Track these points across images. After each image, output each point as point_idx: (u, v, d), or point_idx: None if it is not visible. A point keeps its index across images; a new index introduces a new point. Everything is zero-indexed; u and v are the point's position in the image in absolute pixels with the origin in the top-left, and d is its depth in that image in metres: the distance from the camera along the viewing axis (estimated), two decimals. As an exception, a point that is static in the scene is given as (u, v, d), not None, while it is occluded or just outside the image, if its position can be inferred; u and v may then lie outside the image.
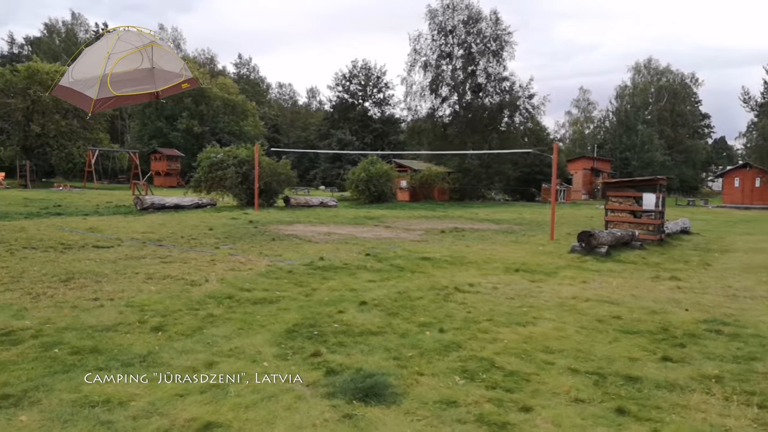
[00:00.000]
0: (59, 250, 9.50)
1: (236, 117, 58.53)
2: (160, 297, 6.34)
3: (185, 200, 20.29)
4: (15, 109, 39.84)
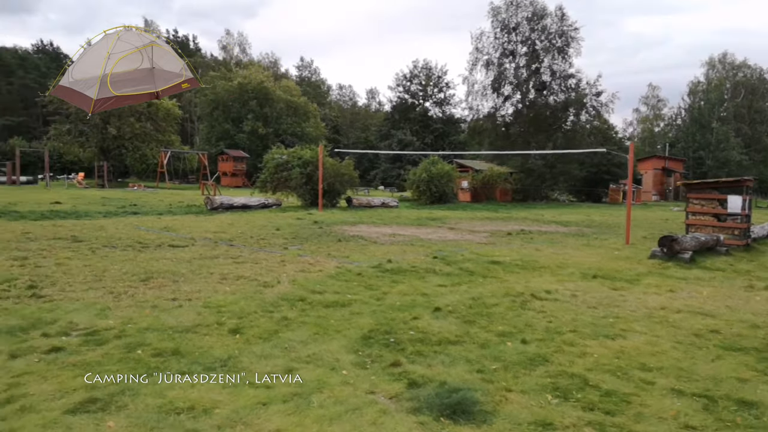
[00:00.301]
0: (137, 249, 9.83)
1: (298, 118, 59.61)
2: (235, 298, 6.39)
3: (252, 200, 20.73)
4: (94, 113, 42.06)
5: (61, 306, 5.68)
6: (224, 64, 76.25)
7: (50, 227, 12.65)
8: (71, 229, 12.45)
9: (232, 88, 56.90)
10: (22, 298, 5.94)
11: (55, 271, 7.46)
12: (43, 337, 4.71)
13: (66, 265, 7.89)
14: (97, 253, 9.18)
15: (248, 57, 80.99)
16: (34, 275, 7.07)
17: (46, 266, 7.76)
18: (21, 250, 9.12)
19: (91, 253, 9.14)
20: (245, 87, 56.59)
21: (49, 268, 7.65)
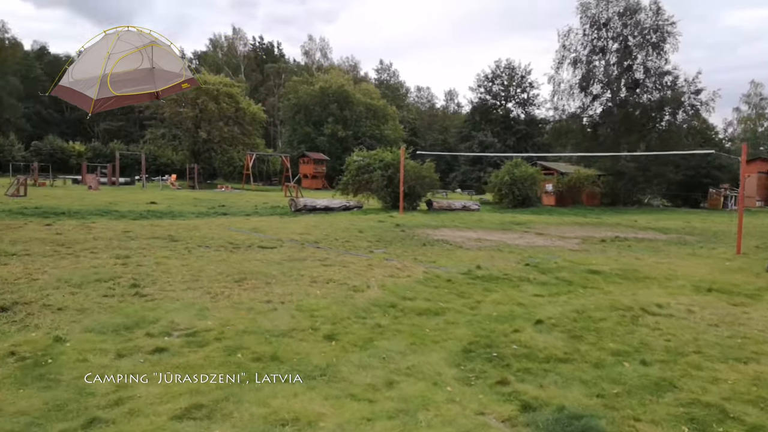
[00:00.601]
0: (229, 250, 10.06)
1: (377, 121, 60.09)
2: (327, 302, 6.30)
3: (334, 202, 20.96)
4: (186, 118, 44.39)
5: (162, 305, 5.81)
6: (306, 69, 78.32)
7: (148, 227, 13.28)
8: (167, 228, 13.00)
9: (314, 92, 58.23)
10: (125, 296, 6.14)
11: (155, 270, 7.72)
12: (147, 336, 4.79)
13: (165, 265, 8.16)
14: (193, 253, 9.46)
15: (329, 61, 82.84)
16: (136, 274, 7.34)
17: (146, 265, 8.05)
18: (123, 249, 9.56)
19: (187, 253, 9.44)
20: (326, 91, 57.75)
21: (149, 267, 7.94)
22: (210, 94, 43.54)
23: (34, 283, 6.46)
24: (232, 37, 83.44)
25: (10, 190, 23.30)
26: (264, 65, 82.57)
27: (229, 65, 78.16)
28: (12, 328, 4.82)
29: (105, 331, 4.87)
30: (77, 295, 6.02)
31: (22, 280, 6.63)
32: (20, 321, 5.02)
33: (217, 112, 43.93)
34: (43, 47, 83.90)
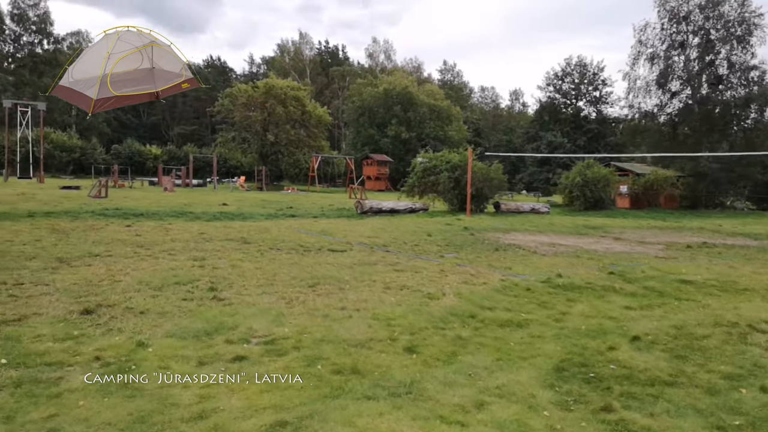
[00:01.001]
0: (300, 253, 10.05)
1: (441, 122, 59.55)
2: (403, 311, 6.09)
3: (400, 204, 20.79)
4: (255, 121, 45.57)
5: (240, 310, 5.78)
6: (370, 71, 78.79)
7: (222, 228, 13.56)
8: (239, 230, 13.22)
9: (378, 94, 58.42)
10: (204, 300, 6.16)
11: (231, 273, 7.77)
12: (226, 343, 4.73)
13: (239, 267, 8.21)
14: (266, 256, 9.51)
15: (393, 63, 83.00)
16: (213, 277, 7.40)
17: (222, 268, 8.12)
18: (199, 251, 9.74)
19: (260, 256, 9.50)
20: (390, 92, 57.81)
21: (225, 269, 8.00)
22: (278, 98, 44.48)
23: (116, 285, 6.61)
24: (298, 41, 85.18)
25: (93, 192, 24.57)
26: (329, 68, 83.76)
27: (295, 69, 79.81)
28: (97, 331, 4.89)
29: (186, 336, 4.86)
30: (158, 298, 6.09)
31: (105, 282, 6.80)
32: (104, 324, 5.09)
33: (285, 116, 44.79)
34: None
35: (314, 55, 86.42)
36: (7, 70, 63.74)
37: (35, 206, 17.29)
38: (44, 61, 64.97)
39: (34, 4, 65.16)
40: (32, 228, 11.69)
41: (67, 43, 69.99)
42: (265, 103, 44.50)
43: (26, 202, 19.04)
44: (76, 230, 11.71)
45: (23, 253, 8.53)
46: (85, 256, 8.55)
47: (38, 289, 6.25)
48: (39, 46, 66.38)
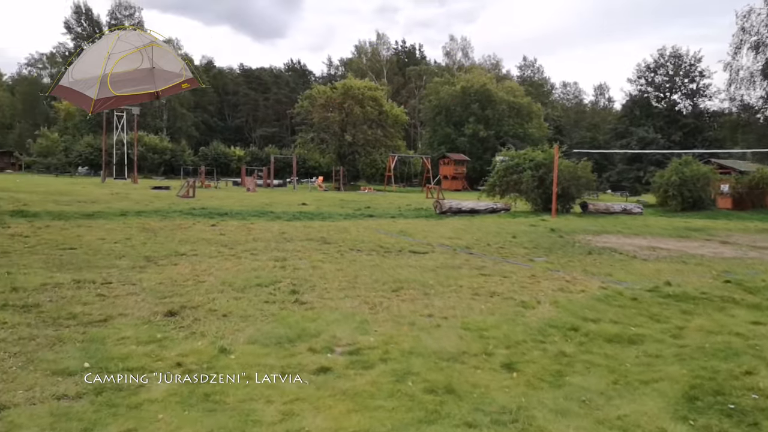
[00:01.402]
0: (381, 254, 9.73)
1: (521, 119, 57.85)
2: (495, 320, 5.58)
3: (480, 204, 20.09)
4: (333, 122, 46.14)
5: (322, 315, 5.49)
6: (447, 69, 77.95)
7: (302, 228, 13.53)
8: (319, 230, 13.13)
9: (455, 92, 57.59)
10: (286, 303, 5.94)
11: (312, 274, 7.55)
12: (309, 352, 4.44)
13: (320, 269, 7.99)
14: (346, 257, 9.26)
15: (470, 61, 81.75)
16: (295, 278, 7.20)
17: (303, 269, 7.93)
18: (280, 251, 9.65)
19: (340, 257, 9.26)
20: (468, 90, 56.80)
21: (306, 271, 7.80)
22: (355, 98, 44.79)
23: (200, 286, 6.54)
24: (375, 42, 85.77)
25: (181, 192, 25.61)
26: (405, 68, 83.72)
27: (372, 70, 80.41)
28: (180, 334, 4.75)
29: (268, 343, 4.62)
30: (240, 300, 5.94)
31: (190, 282, 6.76)
32: (187, 327, 4.96)
33: (362, 116, 45.06)
34: (210, 61, 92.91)
35: (391, 55, 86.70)
36: (106, 79, 68.36)
37: (128, 205, 18.13)
38: (139, 69, 69.10)
39: (129, 14, 69.61)
40: (124, 227, 12.13)
41: (160, 51, 74.21)
42: (342, 104, 44.96)
43: (120, 201, 20.05)
44: (164, 229, 12.02)
45: (113, 252, 8.75)
46: (171, 255, 8.64)
47: (125, 288, 6.27)
48: (134, 55, 70.62)
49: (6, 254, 8.14)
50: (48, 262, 7.61)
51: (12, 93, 78.80)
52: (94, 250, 8.82)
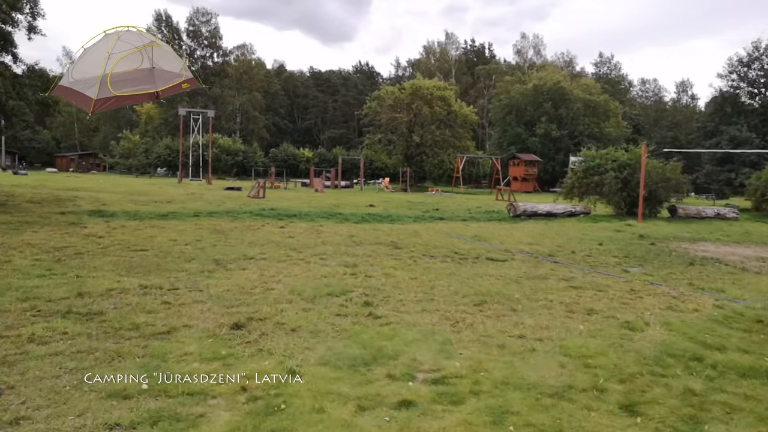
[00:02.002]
0: (456, 261, 9.08)
1: (597, 118, 55.14)
2: (599, 345, 4.82)
3: (558, 207, 18.94)
4: (401, 122, 45.68)
5: (399, 333, 4.93)
6: (518, 68, 75.83)
7: (371, 231, 13.07)
8: (388, 233, 12.62)
9: (527, 91, 55.70)
10: (359, 316, 5.42)
11: (385, 283, 7.02)
12: (388, 379, 3.88)
13: (393, 277, 7.44)
14: (419, 264, 8.67)
15: (542, 59, 79.04)
16: (367, 288, 6.69)
17: (375, 277, 7.42)
18: (350, 255, 9.20)
19: (413, 263, 8.69)
20: (540, 89, 54.78)
21: (378, 279, 7.28)
22: (424, 98, 44.13)
23: (269, 294, 6.14)
24: (444, 42, 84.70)
25: (252, 193, 25.91)
26: (474, 68, 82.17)
27: (440, 70, 79.43)
28: (246, 351, 4.31)
29: (341, 365, 4.10)
30: (310, 312, 5.47)
31: (258, 289, 6.38)
32: (254, 342, 4.53)
33: (430, 116, 44.32)
34: (282, 65, 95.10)
35: (460, 54, 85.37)
36: (183, 83, 71.24)
37: (201, 206, 18.36)
38: (214, 72, 71.54)
39: (206, 20, 72.13)
40: (195, 228, 12.09)
41: (234, 55, 76.62)
42: (411, 104, 44.41)
43: (194, 201, 20.40)
44: (234, 230, 11.88)
45: (183, 254, 8.57)
46: (240, 259, 8.36)
47: (192, 295, 5.95)
48: (210, 59, 73.27)
49: (79, 255, 8.11)
50: (117, 265, 7.48)
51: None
52: (165, 252, 8.68)
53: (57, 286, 6.03)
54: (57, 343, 4.29)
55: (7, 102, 14.90)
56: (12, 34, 14.86)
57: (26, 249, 8.40)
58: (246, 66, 77.00)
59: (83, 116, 78.42)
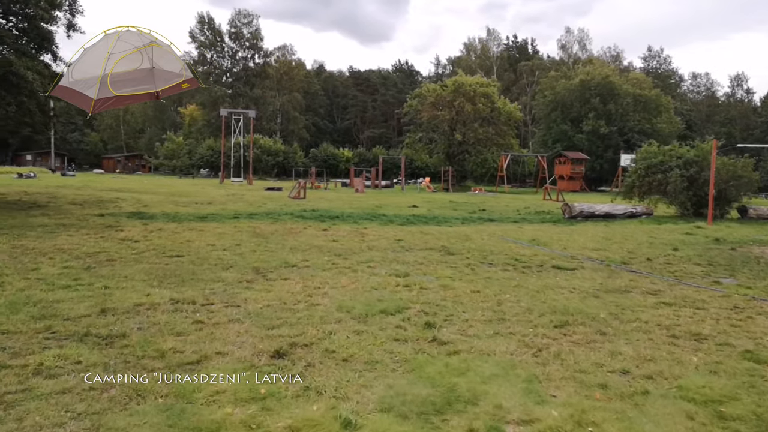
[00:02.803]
0: (519, 270, 8.13)
1: (648, 114, 52.71)
2: (724, 385, 3.86)
3: (617, 208, 17.62)
4: (443, 120, 44.60)
5: (473, 365, 4.06)
6: (563, 63, 73.56)
7: (418, 234, 12.21)
8: (438, 237, 11.73)
9: (573, 86, 53.72)
10: (420, 341, 4.57)
11: (444, 297, 6.15)
12: (470, 436, 3.02)
13: (452, 289, 6.57)
14: (478, 273, 7.77)
15: (588, 53, 76.45)
16: (425, 303, 5.84)
17: (431, 289, 6.56)
18: (400, 263, 8.37)
19: (471, 272, 7.79)
20: (587, 84, 52.75)
21: (436, 292, 6.41)
22: (466, 95, 42.93)
23: (314, 311, 5.36)
24: (485, 38, 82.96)
25: (293, 193, 25.43)
26: (517, 64, 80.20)
27: (482, 67, 77.71)
28: (289, 390, 3.53)
29: (407, 412, 3.27)
30: (363, 335, 4.66)
31: (302, 304, 5.61)
32: (299, 375, 3.74)
33: (473, 113, 43.09)
34: (321, 65, 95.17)
35: (501, 50, 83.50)
36: (225, 84, 71.99)
37: (242, 207, 17.89)
38: (255, 74, 72.03)
39: (247, 22, 72.65)
40: (235, 231, 11.49)
41: (275, 56, 76.89)
42: (453, 102, 43.27)
43: (235, 203, 19.98)
44: (275, 234, 11.22)
45: (221, 261, 7.90)
46: (281, 267, 7.64)
47: (227, 312, 5.22)
48: (251, 60, 73.76)
49: (111, 262, 7.54)
50: (150, 274, 6.85)
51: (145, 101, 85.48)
52: (201, 259, 8.04)
53: (80, 300, 5.41)
54: (67, 376, 3.60)
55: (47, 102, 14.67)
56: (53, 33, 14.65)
57: (57, 255, 7.89)
58: (286, 67, 77.18)
59: (129, 118, 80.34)
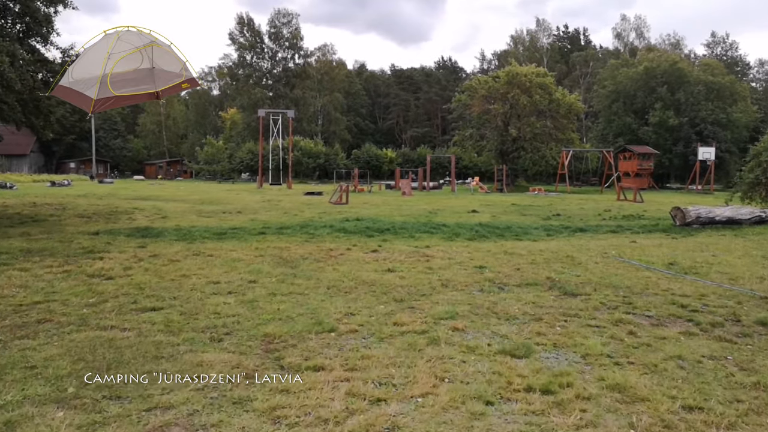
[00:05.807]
0: (706, 330, 4.86)
1: (722, 102, 47.54)
2: None
3: (742, 212, 13.88)
4: (495, 115, 40.99)
5: None
6: (618, 53, 68.55)
7: (502, 255, 9.03)
8: (532, 261, 8.51)
9: (637, 74, 49.04)
10: None
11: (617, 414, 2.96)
12: None
13: (625, 391, 3.37)
14: (641, 338, 4.53)
15: (645, 41, 71.07)
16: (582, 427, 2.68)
17: (595, 397, 3.38)
18: (501, 318, 5.27)
19: (633, 340, 4.57)
20: (652, 71, 48.04)
21: (596, 395, 3.23)
22: (522, 86, 39.20)
23: None
24: (534, 30, 78.53)
25: (334, 198, 22.63)
26: (569, 55, 75.45)
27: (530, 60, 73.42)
28: None
29: None
30: None
31: None
32: None
33: (529, 106, 39.30)
34: (362, 65, 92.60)
35: (551, 42, 78.87)
36: (265, 86, 70.20)
37: (274, 216, 15.11)
38: (295, 74, 69.92)
39: (287, 21, 70.68)
40: (255, 255, 8.56)
41: (315, 57, 74.64)
42: (507, 94, 39.60)
43: (268, 211, 17.25)
44: (308, 260, 8.24)
45: (217, 319, 4.92)
46: (310, 334, 4.61)
47: None
48: (291, 61, 71.75)
49: (37, 327, 4.66)
50: (84, 361, 3.91)
51: (186, 106, 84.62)
52: (187, 315, 5.11)
53: None
54: None
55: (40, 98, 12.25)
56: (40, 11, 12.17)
57: (-30, 310, 5.10)
58: (327, 67, 74.84)
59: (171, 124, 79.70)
